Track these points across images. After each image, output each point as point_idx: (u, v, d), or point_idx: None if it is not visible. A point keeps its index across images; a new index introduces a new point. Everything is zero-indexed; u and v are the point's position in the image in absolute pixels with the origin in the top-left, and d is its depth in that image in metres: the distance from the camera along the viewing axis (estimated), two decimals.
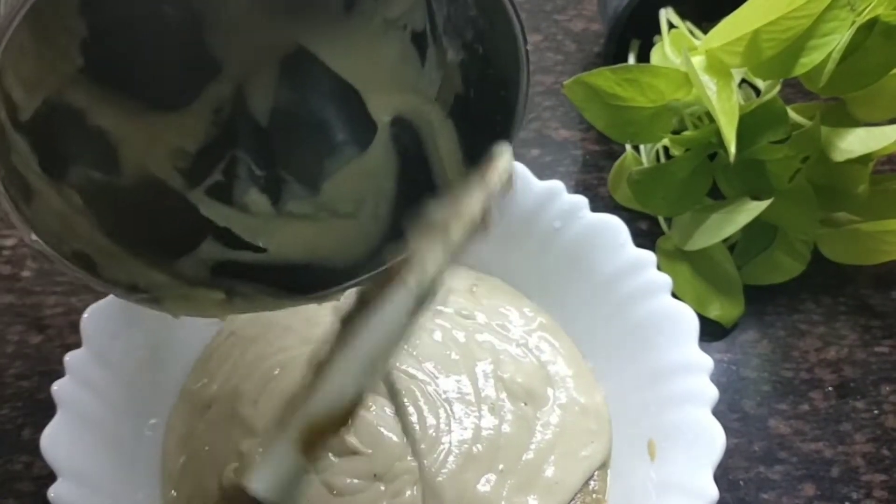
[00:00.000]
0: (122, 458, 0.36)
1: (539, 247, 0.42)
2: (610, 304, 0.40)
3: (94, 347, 0.36)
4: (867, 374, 0.45)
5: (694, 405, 0.35)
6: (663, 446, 0.36)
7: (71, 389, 0.35)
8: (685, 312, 0.37)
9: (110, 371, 0.36)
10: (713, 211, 0.45)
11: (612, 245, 0.40)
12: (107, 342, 0.37)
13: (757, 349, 0.46)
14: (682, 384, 0.36)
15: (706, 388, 0.35)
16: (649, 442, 0.37)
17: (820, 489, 0.41)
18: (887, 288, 0.49)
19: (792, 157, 0.44)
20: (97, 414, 0.35)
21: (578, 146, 0.54)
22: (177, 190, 0.35)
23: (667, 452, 0.36)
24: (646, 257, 0.39)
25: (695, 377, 0.36)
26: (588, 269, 0.41)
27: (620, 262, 0.40)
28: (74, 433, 0.34)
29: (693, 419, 0.35)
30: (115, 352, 0.37)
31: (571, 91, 0.45)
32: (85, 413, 0.35)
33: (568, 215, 0.42)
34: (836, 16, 0.42)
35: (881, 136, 0.43)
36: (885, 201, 0.47)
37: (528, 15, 0.62)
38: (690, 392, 0.35)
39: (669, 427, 0.36)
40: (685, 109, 0.46)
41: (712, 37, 0.44)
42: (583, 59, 0.59)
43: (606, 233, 0.40)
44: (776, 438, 0.43)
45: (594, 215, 0.41)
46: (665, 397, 0.36)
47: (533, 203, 0.42)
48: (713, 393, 0.35)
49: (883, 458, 0.42)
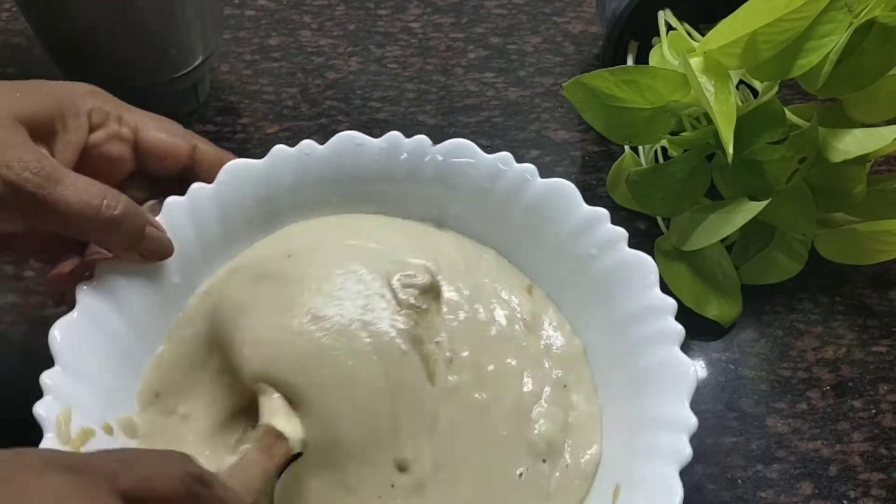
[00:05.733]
0: (124, 364, 0.38)
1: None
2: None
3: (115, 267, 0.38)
4: (865, 374, 0.45)
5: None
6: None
7: (93, 294, 0.37)
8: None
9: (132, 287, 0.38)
10: (711, 211, 0.46)
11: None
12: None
13: (755, 349, 0.46)
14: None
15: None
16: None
17: (818, 488, 0.42)
18: (884, 288, 0.49)
19: (789, 158, 0.44)
20: (112, 322, 0.37)
21: (577, 147, 0.55)
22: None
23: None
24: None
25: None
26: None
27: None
28: (86, 330, 0.36)
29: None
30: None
31: (570, 92, 0.45)
32: (100, 318, 0.37)
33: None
34: (834, 17, 0.42)
35: (878, 136, 0.44)
36: (882, 202, 0.47)
37: (527, 17, 0.62)
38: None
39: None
40: (683, 110, 0.47)
41: (710, 38, 0.44)
42: (582, 60, 0.60)
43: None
44: (774, 437, 0.43)
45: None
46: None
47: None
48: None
49: (880, 456, 0.43)
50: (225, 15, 0.60)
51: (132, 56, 0.49)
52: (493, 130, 0.55)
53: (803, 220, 0.46)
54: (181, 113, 0.54)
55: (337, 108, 0.56)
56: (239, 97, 0.56)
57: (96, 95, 0.40)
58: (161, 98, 0.52)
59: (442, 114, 0.56)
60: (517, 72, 0.59)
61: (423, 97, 0.57)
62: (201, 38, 0.50)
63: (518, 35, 0.61)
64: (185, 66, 0.51)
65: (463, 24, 0.62)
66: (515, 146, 0.54)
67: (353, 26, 0.61)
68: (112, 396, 0.37)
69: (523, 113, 0.56)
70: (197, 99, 0.55)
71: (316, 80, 0.57)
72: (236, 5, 0.62)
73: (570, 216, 0.41)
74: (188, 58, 0.51)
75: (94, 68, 0.50)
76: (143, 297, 0.38)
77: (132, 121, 0.41)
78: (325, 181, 0.42)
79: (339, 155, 0.42)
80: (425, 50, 0.60)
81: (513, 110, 0.56)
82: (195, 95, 0.54)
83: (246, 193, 0.41)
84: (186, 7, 0.48)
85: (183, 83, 0.52)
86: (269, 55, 0.59)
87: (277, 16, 0.61)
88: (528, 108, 0.57)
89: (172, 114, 0.54)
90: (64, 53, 0.50)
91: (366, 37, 0.60)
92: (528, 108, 0.57)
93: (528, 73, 0.59)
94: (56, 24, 0.48)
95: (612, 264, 0.40)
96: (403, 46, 0.60)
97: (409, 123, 0.43)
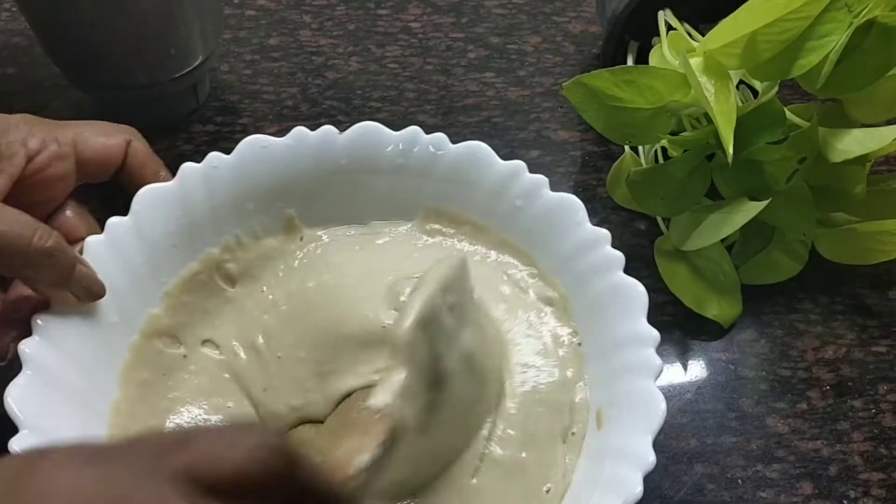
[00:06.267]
0: (87, 416, 0.37)
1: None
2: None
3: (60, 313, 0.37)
4: (864, 374, 0.45)
5: (640, 375, 0.36)
6: (610, 414, 0.37)
7: (38, 349, 0.36)
8: (636, 288, 0.39)
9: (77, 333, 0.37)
10: (711, 211, 0.46)
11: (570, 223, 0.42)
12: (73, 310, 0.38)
13: (755, 349, 0.46)
14: (629, 356, 0.37)
15: (651, 360, 0.36)
16: (598, 411, 0.38)
17: (818, 488, 0.42)
18: (884, 288, 0.49)
19: (789, 158, 0.44)
20: (64, 374, 0.36)
21: (577, 147, 0.55)
22: None
23: (612, 420, 0.37)
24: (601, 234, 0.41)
25: (642, 349, 0.37)
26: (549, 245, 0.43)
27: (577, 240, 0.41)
28: (40, 389, 0.35)
29: (638, 389, 0.36)
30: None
31: (570, 92, 0.45)
32: (51, 373, 0.36)
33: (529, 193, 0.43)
34: (834, 17, 0.42)
35: (878, 136, 0.44)
36: (882, 202, 0.47)
37: (527, 17, 0.62)
38: (637, 363, 0.37)
39: (616, 396, 0.37)
40: (683, 110, 0.47)
41: (710, 38, 0.44)
42: (582, 60, 0.60)
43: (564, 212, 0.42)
44: (774, 437, 0.43)
45: (553, 194, 0.42)
46: (614, 368, 0.38)
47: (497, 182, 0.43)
48: (657, 363, 0.36)
49: (880, 456, 0.43)
50: (225, 15, 0.60)
51: (132, 56, 0.49)
52: (492, 130, 0.55)
53: (803, 221, 0.46)
54: (181, 113, 0.54)
55: (337, 107, 0.56)
56: (239, 97, 0.56)
57: (28, 123, 0.40)
58: (161, 98, 0.52)
59: (442, 114, 0.56)
60: (517, 72, 0.59)
61: (423, 97, 0.57)
62: (201, 38, 0.50)
63: (518, 35, 0.61)
64: (185, 66, 0.51)
65: (463, 23, 0.62)
66: (515, 146, 0.54)
67: (353, 26, 0.61)
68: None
69: (523, 113, 0.56)
70: (197, 99, 0.55)
71: (316, 80, 0.57)
72: (236, 5, 0.62)
73: (490, 174, 0.43)
74: (188, 58, 0.51)
75: (93, 68, 0.50)
76: (87, 343, 0.38)
77: (68, 136, 0.40)
78: (238, 189, 0.42)
79: (247, 161, 0.42)
80: (425, 50, 0.60)
81: (513, 110, 0.56)
82: (195, 95, 0.54)
83: (163, 217, 0.41)
84: (186, 7, 0.48)
85: (183, 83, 0.52)
86: (269, 55, 0.59)
87: (277, 15, 0.61)
88: (528, 107, 0.57)
89: (172, 114, 0.54)
90: (63, 53, 0.50)
91: (366, 36, 0.60)
92: (528, 107, 0.57)
93: (528, 72, 0.59)
94: (56, 24, 0.48)
95: (541, 209, 0.42)
96: (403, 46, 0.60)
97: (409, 123, 0.43)
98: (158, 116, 0.53)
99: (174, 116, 0.54)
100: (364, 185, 0.44)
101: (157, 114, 0.53)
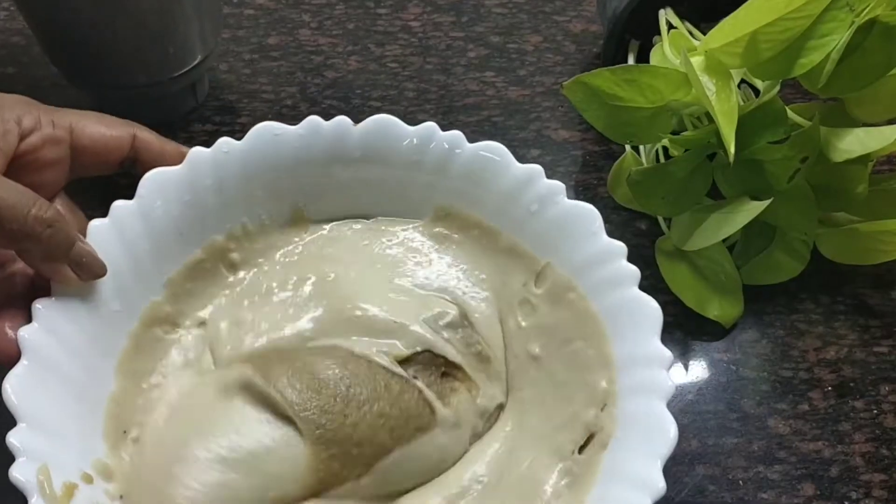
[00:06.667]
0: (83, 405, 0.36)
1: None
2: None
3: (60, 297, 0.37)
4: (866, 374, 0.45)
5: (650, 397, 0.35)
6: (618, 435, 0.36)
7: (37, 338, 0.35)
8: (650, 305, 0.37)
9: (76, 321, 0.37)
10: (712, 211, 0.45)
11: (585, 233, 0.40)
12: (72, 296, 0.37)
13: (756, 349, 0.46)
14: (641, 376, 0.36)
15: (663, 381, 0.35)
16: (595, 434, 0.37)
17: (819, 489, 0.41)
18: (886, 288, 0.49)
19: (791, 158, 0.44)
20: (62, 364, 0.36)
21: (578, 146, 0.54)
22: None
23: (620, 442, 0.36)
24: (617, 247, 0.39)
25: (654, 370, 0.36)
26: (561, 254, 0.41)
27: (511, 181, 0.41)
28: (38, 378, 0.35)
29: (648, 411, 0.35)
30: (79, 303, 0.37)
31: (571, 92, 0.45)
32: (49, 362, 0.35)
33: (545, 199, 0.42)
34: (835, 16, 0.42)
35: (880, 136, 0.43)
36: (884, 201, 0.47)
37: (527, 16, 0.62)
38: (648, 384, 0.36)
39: (625, 417, 0.36)
40: (684, 110, 0.47)
41: (711, 37, 0.44)
42: (582, 59, 0.59)
43: (580, 220, 0.41)
44: (775, 438, 0.43)
45: (570, 202, 0.41)
46: (624, 388, 0.37)
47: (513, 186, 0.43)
48: (669, 385, 0.35)
49: (882, 457, 0.43)
50: (224, 14, 0.60)
51: (131, 55, 0.48)
52: (493, 130, 0.55)
53: (805, 220, 0.46)
54: (180, 112, 0.54)
55: (336, 107, 0.56)
56: (238, 96, 0.56)
57: (25, 103, 0.39)
58: (159, 97, 0.52)
59: (442, 113, 0.56)
60: (517, 71, 0.58)
61: (422, 96, 0.57)
62: (200, 37, 0.50)
63: (518, 34, 0.61)
64: (184, 65, 0.51)
65: (463, 22, 0.61)
66: (516, 145, 0.54)
67: (353, 25, 0.61)
68: (80, 441, 0.36)
69: (523, 112, 0.56)
70: (196, 98, 0.54)
71: (315, 80, 0.57)
72: (235, 4, 0.62)
73: (506, 176, 0.42)
74: (187, 57, 0.50)
75: (92, 67, 0.49)
76: (86, 331, 0.37)
77: (66, 121, 0.39)
78: (248, 176, 0.42)
79: (258, 147, 0.41)
80: (425, 49, 0.60)
81: (513, 109, 0.56)
82: (194, 95, 0.54)
83: (170, 201, 0.40)
84: (185, 6, 0.48)
85: (182, 82, 0.51)
86: (268, 54, 0.59)
87: (276, 15, 0.61)
88: (529, 107, 0.56)
89: (171, 113, 0.54)
90: (62, 53, 0.50)
91: (365, 36, 0.60)
92: (529, 107, 0.56)
93: (528, 72, 0.58)
94: (54, 23, 0.47)
95: (555, 216, 0.40)
96: (403, 45, 0.60)
97: (409, 123, 0.43)
98: (157, 116, 0.52)
99: (173, 116, 0.54)
100: (375, 179, 0.43)
101: (155, 113, 0.52)
